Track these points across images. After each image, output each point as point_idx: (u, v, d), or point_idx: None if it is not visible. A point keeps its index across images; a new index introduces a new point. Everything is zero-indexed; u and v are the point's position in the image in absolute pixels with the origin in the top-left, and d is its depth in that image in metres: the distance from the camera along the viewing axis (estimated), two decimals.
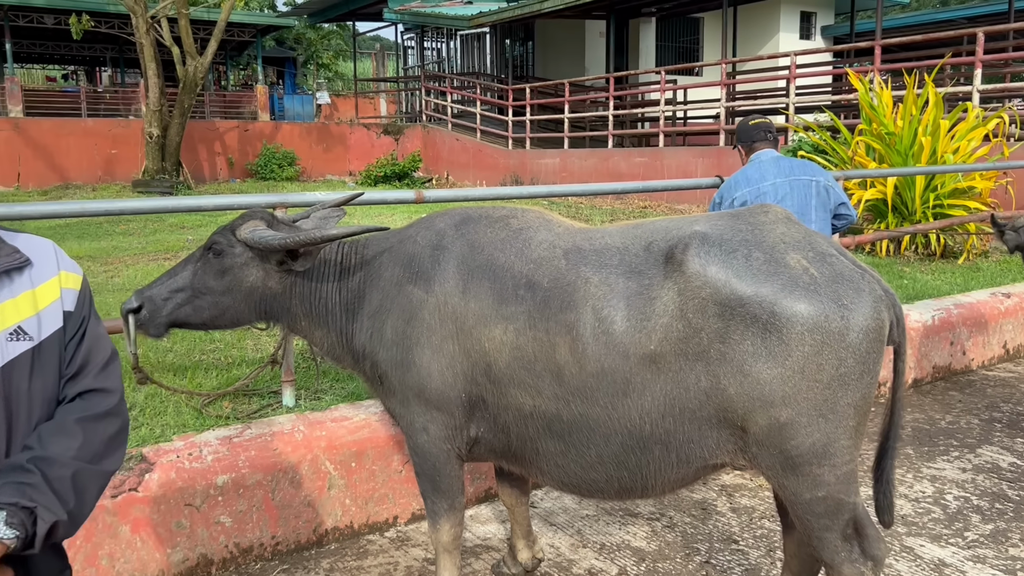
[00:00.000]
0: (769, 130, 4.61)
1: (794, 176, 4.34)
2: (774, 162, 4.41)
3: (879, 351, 2.42)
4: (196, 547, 3.48)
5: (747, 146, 4.58)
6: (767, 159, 4.43)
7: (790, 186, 4.31)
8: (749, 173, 4.40)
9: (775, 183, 4.32)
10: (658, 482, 2.67)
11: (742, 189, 4.36)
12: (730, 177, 4.53)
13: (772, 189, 4.31)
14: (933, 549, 3.67)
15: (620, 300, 2.54)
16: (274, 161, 20.21)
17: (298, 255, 2.96)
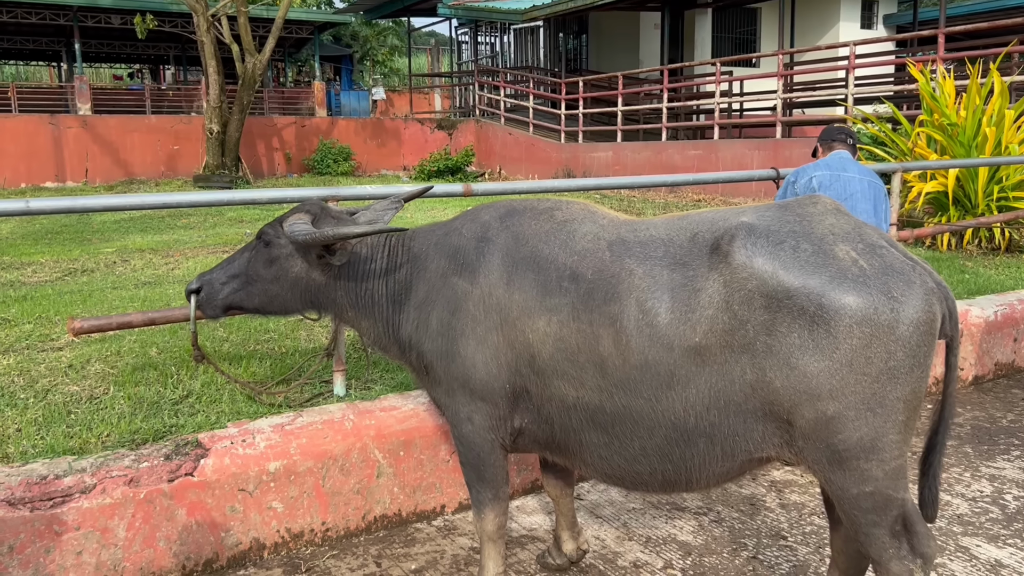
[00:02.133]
0: (850, 135, 4.82)
1: (872, 179, 4.58)
2: (853, 161, 4.63)
3: (930, 345, 2.37)
4: (249, 531, 3.58)
5: (826, 144, 4.81)
6: (846, 156, 4.66)
7: (868, 185, 4.53)
8: (831, 161, 4.63)
9: (854, 176, 4.54)
10: (703, 476, 2.66)
11: (821, 171, 4.58)
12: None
13: (849, 182, 4.52)
14: (990, 549, 3.58)
15: (664, 292, 2.53)
16: (330, 156, 20.51)
17: (334, 250, 3.03)
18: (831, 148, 4.77)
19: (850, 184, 4.51)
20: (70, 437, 3.68)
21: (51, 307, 6.08)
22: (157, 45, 29.72)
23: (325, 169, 20.43)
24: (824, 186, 4.53)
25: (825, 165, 4.61)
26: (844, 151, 4.72)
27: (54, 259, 8.76)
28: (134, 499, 3.32)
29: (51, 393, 4.17)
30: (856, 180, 4.54)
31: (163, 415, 3.88)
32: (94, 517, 3.26)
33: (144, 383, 4.25)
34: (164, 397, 4.09)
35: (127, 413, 3.90)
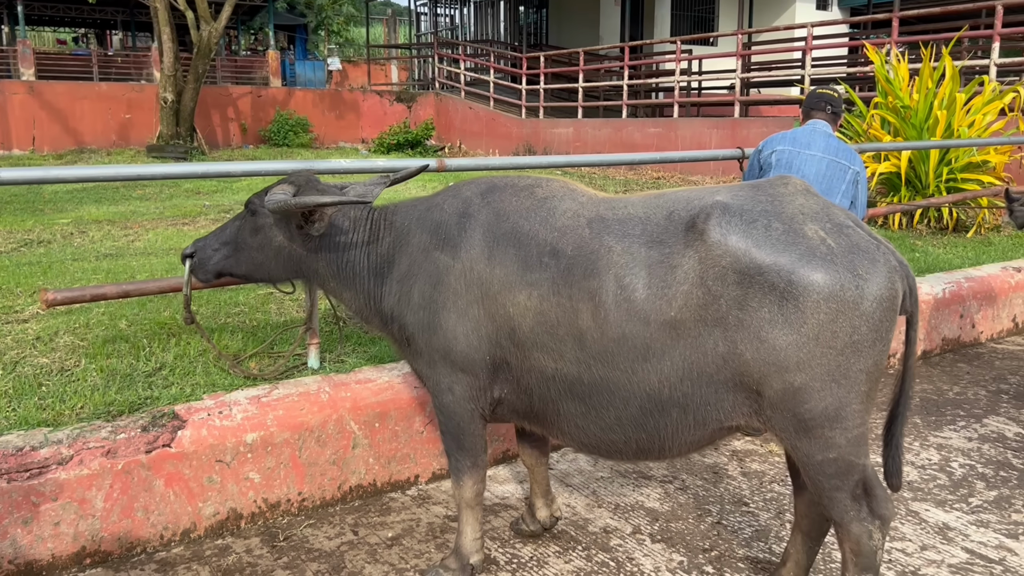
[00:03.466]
0: (830, 102, 4.69)
1: (836, 158, 4.46)
2: (825, 137, 4.53)
3: (892, 320, 2.51)
4: (226, 501, 3.62)
5: (805, 113, 4.74)
6: (819, 130, 4.56)
7: (827, 166, 4.43)
8: (798, 135, 4.55)
9: (816, 156, 4.46)
10: (675, 444, 2.78)
11: (786, 145, 4.53)
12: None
13: (811, 160, 4.45)
14: (938, 513, 3.79)
15: (642, 268, 2.63)
16: (287, 127, 20.23)
17: (312, 219, 3.09)
18: (809, 117, 4.69)
19: (807, 164, 4.44)
20: (42, 409, 3.67)
21: (10, 279, 5.98)
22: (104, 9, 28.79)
23: (282, 141, 20.15)
24: (781, 163, 4.51)
25: (791, 139, 4.54)
26: (821, 121, 4.62)
27: (7, 229, 8.57)
28: (112, 470, 3.35)
29: (20, 365, 4.14)
30: (816, 159, 4.44)
31: (137, 387, 3.88)
32: (72, 488, 3.28)
33: (116, 355, 4.24)
34: (137, 369, 4.09)
35: (100, 385, 3.89)
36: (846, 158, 4.47)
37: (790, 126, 12.30)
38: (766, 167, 4.61)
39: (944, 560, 3.39)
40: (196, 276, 3.38)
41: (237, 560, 3.40)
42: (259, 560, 3.40)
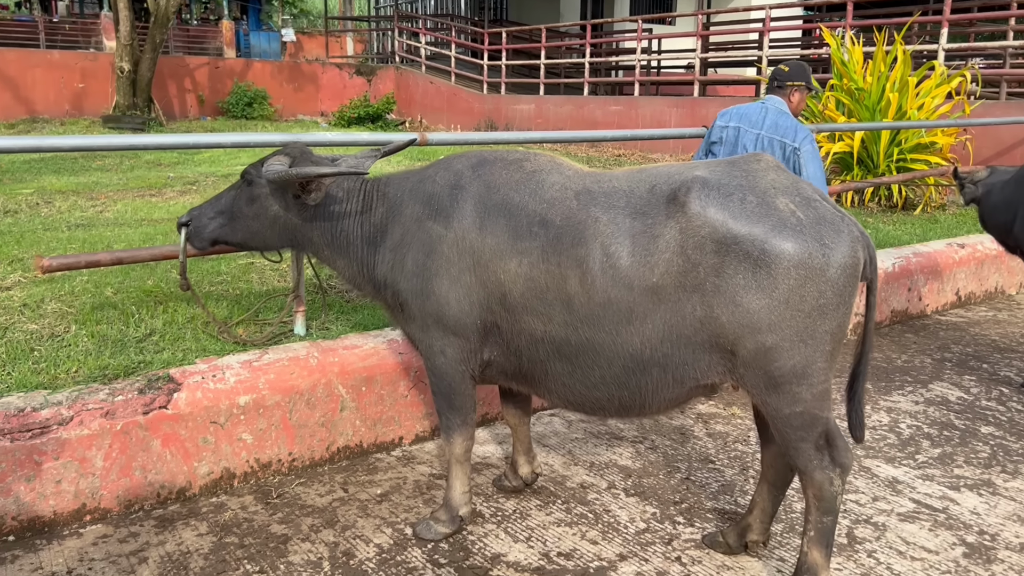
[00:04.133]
0: (775, 76, 4.94)
1: (774, 135, 4.70)
2: (774, 114, 4.75)
3: (854, 285, 2.75)
4: (220, 461, 3.77)
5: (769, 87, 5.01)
6: (771, 107, 4.79)
7: (766, 143, 4.69)
8: (750, 111, 4.81)
9: (756, 133, 4.72)
10: (655, 401, 3.00)
11: (735, 123, 4.82)
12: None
13: (750, 137, 4.72)
14: (888, 469, 4.10)
15: (626, 237, 2.83)
16: (245, 99, 19.98)
17: (309, 189, 3.24)
18: (768, 92, 4.95)
19: (748, 141, 4.71)
20: (37, 373, 3.76)
21: None
22: None
23: (240, 113, 19.90)
24: (728, 140, 4.81)
25: (740, 115, 4.80)
26: (774, 97, 4.87)
27: None
28: (111, 430, 3.47)
29: (10, 331, 4.20)
30: (754, 137, 4.69)
31: (129, 352, 3.99)
32: (72, 447, 3.39)
33: (105, 322, 4.33)
34: (127, 335, 4.19)
35: (93, 350, 3.99)
36: (786, 135, 4.68)
37: None
38: (716, 140, 4.90)
39: (893, 509, 3.69)
40: (192, 244, 3.49)
41: (233, 516, 3.55)
42: (255, 516, 3.56)
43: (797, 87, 4.86)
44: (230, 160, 11.87)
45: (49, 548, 3.27)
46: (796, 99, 4.89)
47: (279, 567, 3.18)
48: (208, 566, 3.17)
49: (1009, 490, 3.88)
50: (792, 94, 4.87)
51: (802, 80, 4.86)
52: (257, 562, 3.21)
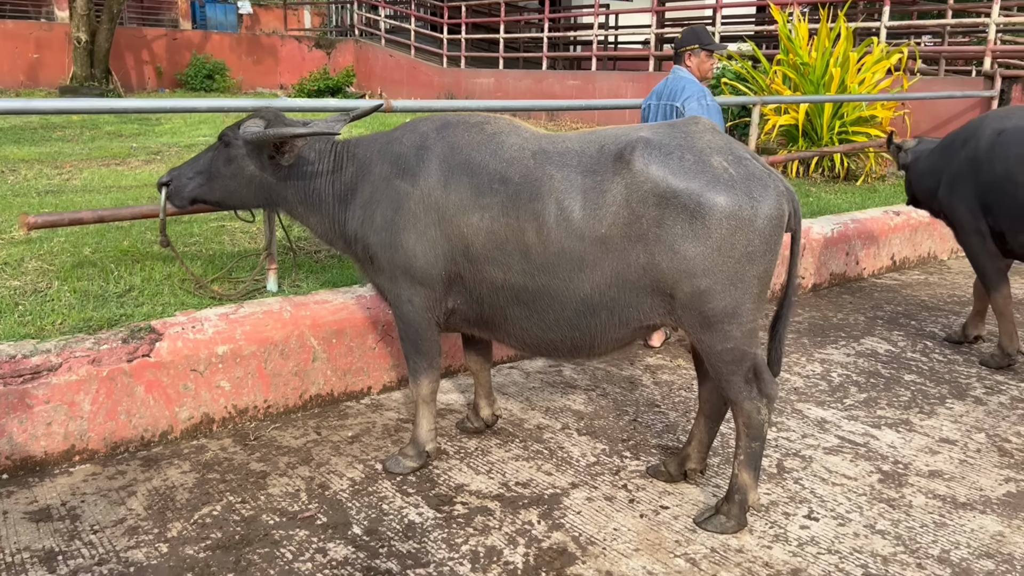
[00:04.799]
0: (674, 48, 5.27)
1: (667, 102, 5.09)
2: (673, 81, 5.11)
3: (779, 235, 3.09)
4: (200, 407, 4.02)
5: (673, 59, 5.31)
6: (674, 76, 5.15)
7: (662, 112, 5.10)
8: (659, 87, 5.19)
9: (656, 105, 5.18)
10: (603, 341, 3.32)
11: (652, 100, 5.21)
12: None
13: (654, 112, 5.17)
14: (817, 411, 4.49)
15: (578, 193, 3.14)
16: (204, 71, 19.82)
17: (283, 150, 3.48)
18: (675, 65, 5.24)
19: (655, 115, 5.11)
20: (23, 325, 3.96)
21: None
22: None
23: (199, 85, 19.74)
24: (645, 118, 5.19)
25: (653, 92, 5.19)
26: (677, 68, 5.18)
27: None
28: (97, 376, 3.70)
29: None
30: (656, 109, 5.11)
31: (111, 306, 4.21)
32: (62, 392, 3.62)
33: (86, 279, 4.53)
34: (108, 291, 4.40)
35: (76, 304, 4.20)
36: (673, 98, 5.04)
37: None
38: (643, 119, 5.29)
39: (820, 444, 4.08)
40: (172, 202, 3.71)
41: (214, 456, 3.81)
42: (234, 456, 3.82)
43: (690, 51, 5.12)
44: (191, 131, 11.92)
45: (42, 485, 3.50)
46: (694, 62, 5.13)
47: (260, 498, 3.45)
48: (193, 498, 3.44)
49: (924, 427, 4.30)
50: (688, 58, 5.14)
51: (693, 43, 5.10)
52: (239, 494, 3.48)
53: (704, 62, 5.15)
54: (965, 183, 5.09)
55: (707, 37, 5.18)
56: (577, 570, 2.99)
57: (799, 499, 3.54)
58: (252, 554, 3.05)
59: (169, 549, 3.07)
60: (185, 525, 3.23)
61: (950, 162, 5.23)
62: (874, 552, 3.16)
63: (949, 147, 5.34)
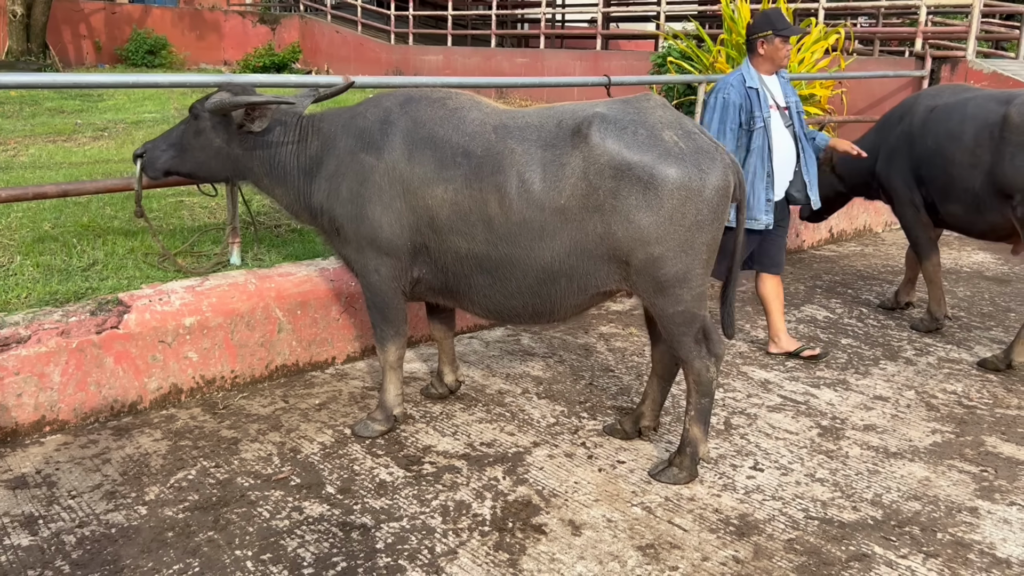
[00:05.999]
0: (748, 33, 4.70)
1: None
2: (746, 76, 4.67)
3: (726, 204, 3.30)
4: (168, 377, 4.10)
5: None
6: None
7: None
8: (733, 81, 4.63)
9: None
10: (563, 307, 3.51)
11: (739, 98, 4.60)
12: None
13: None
14: (761, 373, 4.76)
15: (538, 166, 3.31)
16: (145, 46, 19.38)
17: (253, 117, 3.58)
18: None
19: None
20: None
21: None
22: None
23: (140, 60, 19.31)
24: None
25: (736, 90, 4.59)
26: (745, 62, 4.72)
27: None
28: (67, 348, 3.76)
29: None
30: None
31: (76, 280, 4.25)
32: (32, 363, 3.68)
33: (48, 253, 4.55)
34: (72, 265, 4.43)
35: (40, 278, 4.23)
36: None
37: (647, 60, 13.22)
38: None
39: (764, 403, 4.35)
40: (146, 173, 3.80)
41: (185, 424, 3.91)
42: (204, 424, 3.93)
43: (763, 38, 4.59)
44: (136, 107, 11.75)
45: (14, 454, 3.57)
46: (766, 50, 4.61)
47: (233, 462, 3.57)
48: (167, 463, 3.54)
49: (859, 387, 4.60)
50: (760, 46, 4.61)
51: (765, 29, 4.58)
52: (212, 459, 3.59)
53: (779, 49, 4.59)
54: (901, 157, 5.40)
55: (781, 21, 4.58)
56: (541, 519, 3.19)
57: (745, 452, 3.80)
58: (230, 513, 3.18)
59: (148, 511, 3.18)
60: (162, 489, 3.34)
61: (887, 138, 5.53)
62: (814, 498, 3.42)
63: (885, 124, 5.64)
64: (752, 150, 4.59)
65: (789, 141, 4.74)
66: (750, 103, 4.59)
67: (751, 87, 4.62)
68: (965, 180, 5.00)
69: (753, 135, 4.58)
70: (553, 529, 3.13)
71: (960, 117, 5.07)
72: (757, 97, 4.62)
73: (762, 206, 4.62)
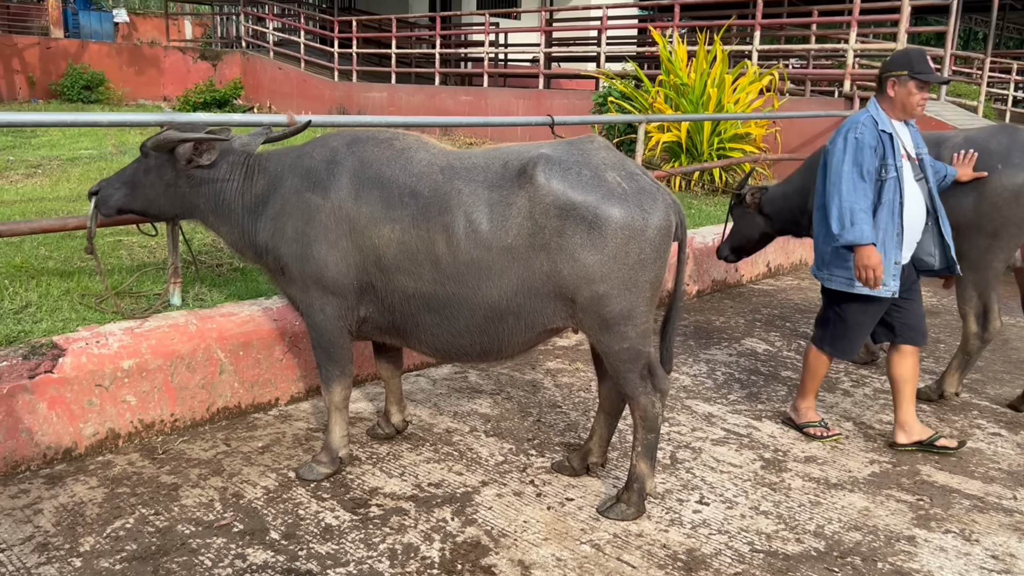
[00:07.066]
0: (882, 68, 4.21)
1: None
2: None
3: (668, 243, 3.38)
4: (105, 422, 3.98)
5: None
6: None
7: None
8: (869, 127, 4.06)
9: None
10: (510, 345, 3.53)
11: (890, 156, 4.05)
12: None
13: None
14: (704, 406, 4.84)
15: (485, 205, 3.34)
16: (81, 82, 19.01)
17: (200, 151, 3.60)
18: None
19: None
20: None
21: None
22: None
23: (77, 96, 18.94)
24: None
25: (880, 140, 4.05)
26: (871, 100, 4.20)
27: None
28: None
29: None
30: None
31: (7, 323, 4.11)
32: None
33: None
34: (3, 307, 4.29)
35: None
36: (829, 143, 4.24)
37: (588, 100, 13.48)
38: None
39: (708, 436, 4.41)
40: (100, 211, 3.79)
41: (122, 470, 3.79)
42: (143, 470, 3.82)
43: (896, 77, 4.07)
44: (71, 144, 11.50)
45: None
46: (898, 93, 4.07)
47: (173, 509, 3.48)
48: (104, 512, 3.43)
49: None
50: (891, 87, 4.09)
51: (902, 68, 4.04)
52: (151, 506, 3.49)
53: (912, 94, 4.03)
54: None
55: (922, 63, 4.02)
56: (491, 560, 3.17)
57: (691, 486, 3.84)
58: (170, 563, 3.09)
59: (83, 563, 3.06)
60: (98, 539, 3.23)
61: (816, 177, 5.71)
62: (759, 531, 3.47)
63: (814, 164, 5.83)
64: (882, 203, 3.99)
65: (920, 196, 4.12)
66: (883, 148, 4.01)
67: (884, 131, 4.03)
68: None
69: (884, 186, 3.99)
70: (503, 570, 3.11)
71: None
72: (891, 142, 4.03)
73: (890, 269, 4.01)
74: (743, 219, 6.21)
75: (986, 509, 3.73)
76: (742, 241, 6.28)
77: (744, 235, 6.22)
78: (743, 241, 6.25)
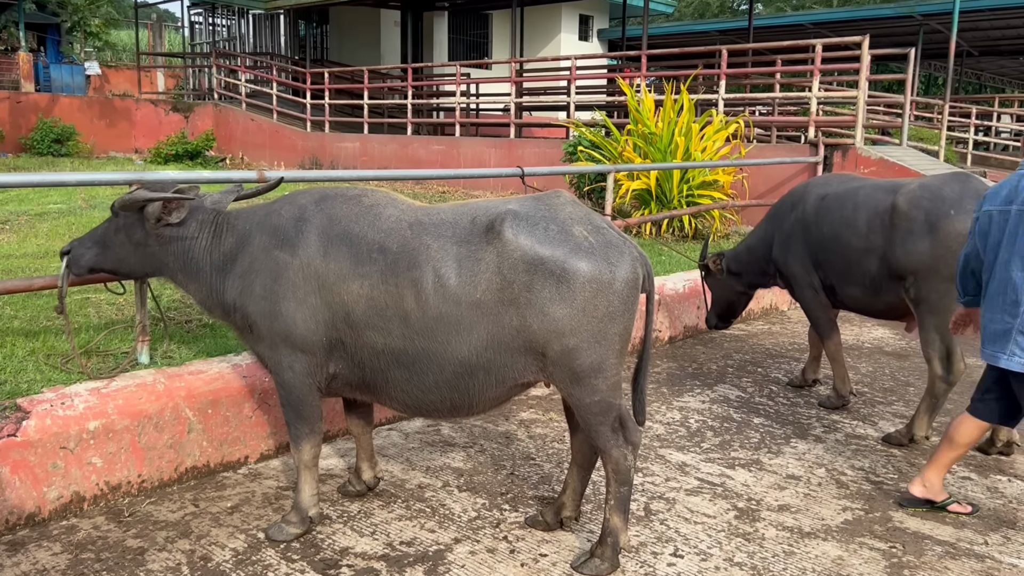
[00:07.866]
0: None
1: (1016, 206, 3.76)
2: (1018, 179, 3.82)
3: (635, 295, 3.41)
4: (70, 485, 3.90)
5: None
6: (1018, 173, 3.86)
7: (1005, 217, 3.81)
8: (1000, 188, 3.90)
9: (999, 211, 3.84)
10: (481, 400, 3.53)
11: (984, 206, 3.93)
12: None
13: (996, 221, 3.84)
14: (678, 455, 4.84)
15: (453, 261, 3.36)
16: (51, 135, 18.96)
17: (171, 210, 3.63)
18: None
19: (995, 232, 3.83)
20: None
21: None
22: None
23: (47, 149, 18.87)
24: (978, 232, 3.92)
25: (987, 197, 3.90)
26: None
27: None
28: None
29: None
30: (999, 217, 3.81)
31: None
32: None
33: None
34: None
35: None
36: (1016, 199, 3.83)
37: (559, 148, 13.67)
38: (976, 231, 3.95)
39: (682, 486, 4.41)
40: (71, 270, 3.81)
41: (87, 535, 3.71)
42: (108, 533, 3.74)
43: None
44: (40, 198, 11.43)
45: None
46: None
47: (138, 574, 3.40)
48: None
49: (772, 466, 4.72)
50: None
51: None
52: (116, 572, 3.41)
53: None
54: (797, 243, 5.68)
55: None
56: None
57: (665, 539, 3.82)
58: None
59: None
60: None
61: (780, 226, 5.83)
62: None
63: (777, 214, 5.96)
64: None
65: None
66: None
67: None
68: (862, 264, 5.28)
69: None
70: None
71: (853, 205, 5.38)
72: None
73: None
74: (716, 286, 6.40)
75: (958, 555, 3.75)
76: (724, 306, 6.47)
77: (723, 300, 6.42)
78: (724, 305, 6.45)
